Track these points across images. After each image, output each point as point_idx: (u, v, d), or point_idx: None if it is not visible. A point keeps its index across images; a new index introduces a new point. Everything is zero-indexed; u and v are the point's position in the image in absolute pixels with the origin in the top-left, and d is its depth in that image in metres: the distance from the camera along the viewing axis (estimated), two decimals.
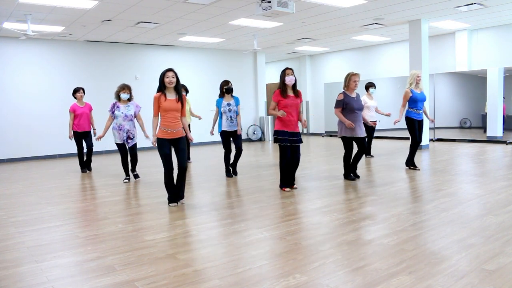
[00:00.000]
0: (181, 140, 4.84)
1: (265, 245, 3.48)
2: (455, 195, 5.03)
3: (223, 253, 3.32)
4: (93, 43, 11.19)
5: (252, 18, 8.98)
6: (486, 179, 5.92)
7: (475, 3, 8.38)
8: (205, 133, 12.37)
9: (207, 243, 3.59)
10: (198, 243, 3.62)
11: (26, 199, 5.72)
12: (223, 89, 6.70)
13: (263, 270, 2.94)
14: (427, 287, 2.57)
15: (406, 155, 7.32)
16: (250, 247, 3.43)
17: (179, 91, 4.80)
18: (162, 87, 4.75)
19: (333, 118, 14.07)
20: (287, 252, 3.28)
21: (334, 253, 3.22)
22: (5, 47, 10.07)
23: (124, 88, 6.48)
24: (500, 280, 2.63)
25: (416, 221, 3.99)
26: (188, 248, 3.50)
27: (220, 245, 3.53)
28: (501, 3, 8.45)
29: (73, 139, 7.82)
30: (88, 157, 8.02)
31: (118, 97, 6.52)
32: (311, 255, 3.20)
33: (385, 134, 12.32)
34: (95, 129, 7.96)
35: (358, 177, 6.35)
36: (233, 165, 6.98)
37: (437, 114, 11.63)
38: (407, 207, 4.54)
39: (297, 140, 5.48)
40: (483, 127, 10.93)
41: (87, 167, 8.09)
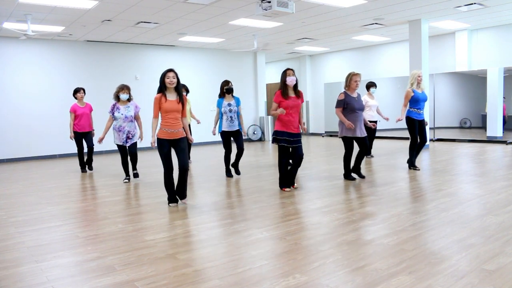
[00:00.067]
0: (182, 140, 4.83)
1: (265, 245, 3.48)
2: (455, 195, 5.03)
3: (223, 253, 3.32)
4: (93, 43, 11.19)
5: (252, 18, 8.98)
6: (486, 179, 5.92)
7: (475, 3, 8.38)
8: (205, 133, 12.43)
9: (207, 243, 3.59)
10: (198, 243, 3.63)
11: (26, 199, 5.72)
12: (224, 89, 6.68)
13: (263, 270, 2.94)
14: (427, 287, 2.57)
15: (407, 155, 7.33)
16: (250, 247, 3.43)
17: (180, 91, 4.79)
18: (162, 87, 4.74)
19: (333, 118, 14.11)
20: (287, 252, 3.28)
21: (334, 253, 3.22)
22: (5, 47, 10.07)
23: (123, 88, 6.43)
24: (500, 280, 2.63)
25: (416, 221, 3.99)
26: (188, 248, 3.50)
27: (220, 245, 3.53)
28: (501, 3, 8.45)
29: (73, 139, 7.83)
30: (89, 157, 8.04)
31: (117, 98, 6.47)
32: (311, 255, 3.20)
33: (385, 134, 12.32)
34: (93, 130, 7.97)
35: (364, 177, 6.31)
36: (235, 165, 6.98)
37: (437, 114, 11.63)
38: (407, 207, 4.55)
39: (295, 141, 5.42)
40: (483, 127, 10.93)
41: (88, 166, 8.10)
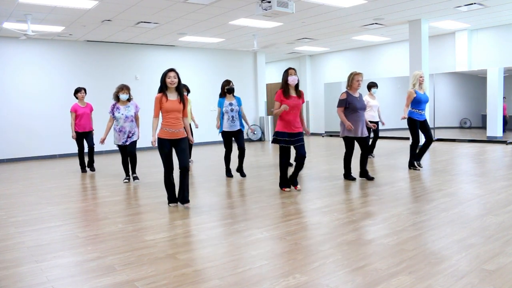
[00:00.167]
0: (183, 140, 4.80)
1: (265, 245, 3.48)
2: (455, 195, 5.03)
3: (223, 253, 3.32)
4: (93, 43, 11.19)
5: (252, 18, 8.98)
6: (486, 179, 5.92)
7: (475, 3, 8.38)
8: (205, 133, 12.45)
9: (207, 243, 3.59)
10: (198, 243, 3.63)
11: (26, 199, 5.72)
12: (225, 89, 6.64)
13: (263, 270, 2.94)
14: (427, 287, 2.57)
15: (407, 155, 7.32)
16: (250, 247, 3.43)
17: (181, 91, 4.77)
18: (163, 87, 4.71)
19: (333, 118, 14.14)
20: (287, 252, 3.28)
21: (334, 253, 3.22)
22: (5, 47, 10.07)
23: (122, 88, 6.40)
24: (500, 280, 2.63)
25: (416, 221, 3.99)
26: (188, 248, 3.50)
27: (220, 245, 3.53)
28: (501, 3, 8.45)
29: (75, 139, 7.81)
30: (90, 158, 7.99)
31: (117, 98, 6.44)
32: (311, 255, 3.20)
33: (385, 134, 12.32)
34: (93, 130, 7.96)
35: (372, 178, 6.15)
36: (239, 168, 6.83)
37: (437, 114, 11.63)
38: (407, 207, 4.55)
39: (297, 140, 5.37)
40: (483, 127, 10.93)
41: (90, 167, 8.02)
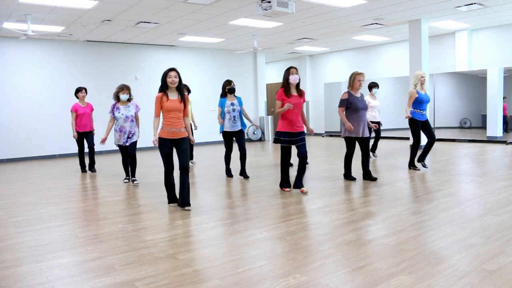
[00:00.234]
0: (184, 141, 4.78)
1: (265, 245, 3.48)
2: (455, 195, 5.03)
3: (223, 253, 3.32)
4: (93, 43, 11.19)
5: (252, 18, 8.98)
6: (486, 179, 5.92)
7: (475, 3, 8.38)
8: (205, 133, 12.45)
9: (207, 243, 3.59)
10: (198, 243, 3.63)
11: (26, 199, 5.72)
12: (226, 89, 6.63)
13: (263, 270, 2.94)
14: (427, 287, 2.57)
15: (407, 155, 7.32)
16: (250, 247, 3.43)
17: (181, 91, 4.75)
18: (164, 87, 4.70)
19: (333, 118, 14.14)
20: (287, 252, 3.28)
21: (334, 253, 3.22)
22: (5, 47, 10.07)
23: (123, 88, 6.33)
24: (500, 280, 2.63)
25: (416, 221, 3.99)
26: (188, 248, 3.50)
27: (220, 245, 3.53)
28: (501, 3, 8.44)
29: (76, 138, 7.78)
30: (91, 158, 7.91)
31: (117, 98, 6.39)
32: (311, 255, 3.20)
33: (385, 134, 12.31)
34: (94, 130, 7.94)
35: (375, 179, 6.14)
36: (242, 171, 6.73)
37: (437, 114, 11.63)
38: (407, 207, 4.55)
39: (298, 140, 5.34)
40: (483, 127, 10.93)
41: (90, 169, 7.93)
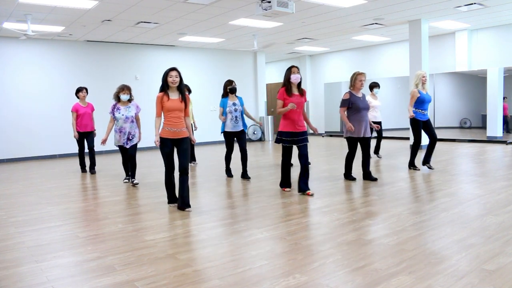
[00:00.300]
0: (185, 141, 4.78)
1: (265, 245, 3.48)
2: (455, 195, 5.03)
3: (223, 253, 3.32)
4: (93, 43, 11.19)
5: (252, 18, 8.97)
6: (486, 179, 5.92)
7: (475, 3, 8.38)
8: (205, 133, 12.44)
9: (207, 243, 3.59)
10: (198, 243, 3.63)
11: (26, 199, 5.72)
12: (227, 88, 6.62)
13: (263, 270, 2.94)
14: (427, 287, 2.57)
15: (407, 155, 7.32)
16: (250, 247, 3.43)
17: (182, 90, 4.75)
18: (165, 86, 4.69)
19: (333, 118, 14.14)
20: (287, 252, 3.28)
21: (334, 253, 3.22)
22: (5, 47, 10.07)
23: (123, 89, 6.29)
24: (500, 280, 2.63)
25: (416, 221, 3.99)
26: (188, 248, 3.50)
27: (220, 245, 3.53)
28: (501, 3, 8.44)
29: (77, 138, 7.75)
30: (91, 160, 7.82)
31: (117, 98, 6.34)
32: (311, 255, 3.20)
33: (385, 134, 12.29)
34: (95, 130, 7.93)
35: (375, 179, 6.14)
36: (244, 172, 6.68)
37: (437, 114, 11.63)
38: (407, 207, 4.55)
39: (300, 140, 5.29)
40: (483, 127, 10.93)
41: (91, 170, 7.82)
